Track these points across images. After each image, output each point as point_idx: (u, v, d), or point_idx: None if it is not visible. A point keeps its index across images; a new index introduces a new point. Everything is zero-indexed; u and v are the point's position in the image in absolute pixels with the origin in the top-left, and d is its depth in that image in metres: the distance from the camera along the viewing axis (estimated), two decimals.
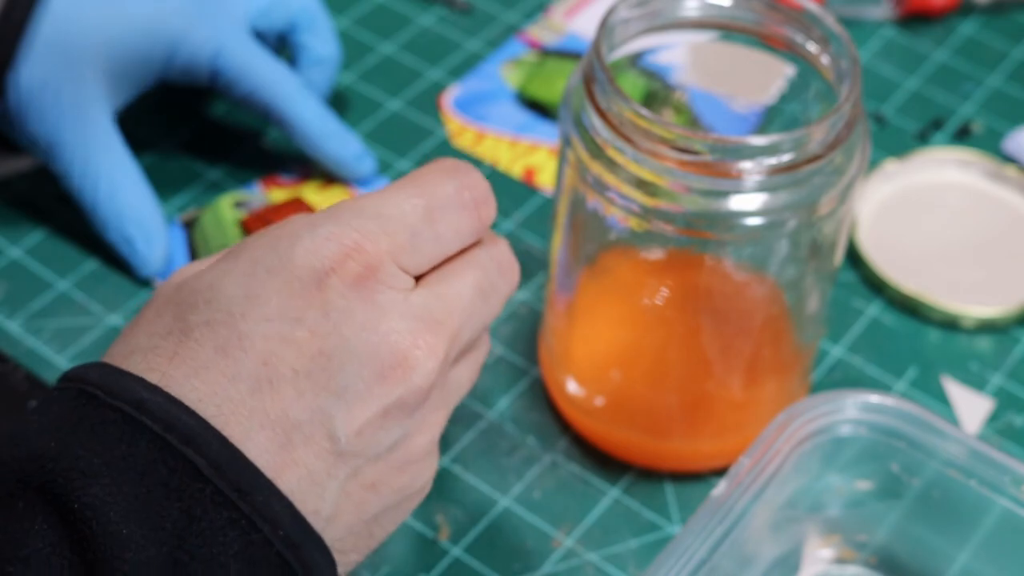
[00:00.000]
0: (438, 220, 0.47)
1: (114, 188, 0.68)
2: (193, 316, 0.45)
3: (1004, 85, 0.81)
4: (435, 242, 0.47)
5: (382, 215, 0.46)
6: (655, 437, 0.63)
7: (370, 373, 0.44)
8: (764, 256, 0.57)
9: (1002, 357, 0.69)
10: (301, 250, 0.45)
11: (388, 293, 0.45)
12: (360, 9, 0.84)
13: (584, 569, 0.60)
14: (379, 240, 0.45)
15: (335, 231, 0.45)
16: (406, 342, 0.45)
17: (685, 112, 0.65)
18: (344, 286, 0.44)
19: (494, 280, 0.49)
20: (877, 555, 0.59)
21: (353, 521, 0.46)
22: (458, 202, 0.48)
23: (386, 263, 0.45)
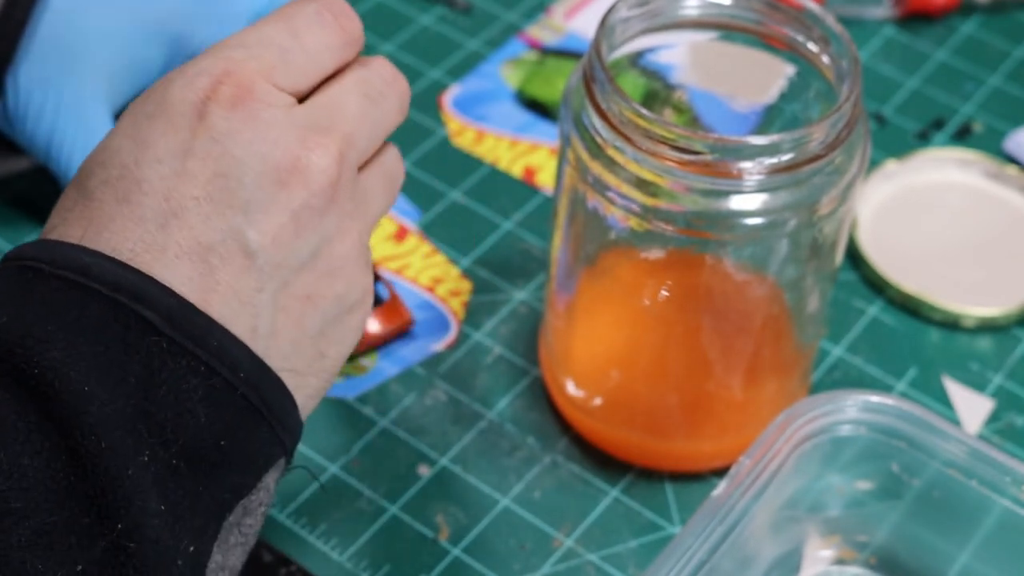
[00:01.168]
0: (303, 34, 0.48)
1: None
2: (91, 181, 0.46)
3: (1004, 85, 0.81)
4: (305, 57, 0.48)
5: (246, 43, 0.47)
6: (655, 437, 0.63)
7: (269, 182, 0.45)
8: (764, 256, 0.57)
9: (1002, 357, 0.69)
10: (175, 89, 0.46)
11: (268, 110, 0.46)
12: (360, 9, 0.83)
13: (584, 569, 0.60)
14: (247, 63, 0.46)
15: (203, 65, 0.46)
16: (296, 147, 0.46)
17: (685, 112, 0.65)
18: (223, 109, 0.45)
19: (379, 87, 0.49)
20: (877, 555, 0.59)
21: (296, 336, 0.47)
22: (319, 20, 0.48)
23: (259, 82, 0.46)
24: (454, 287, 0.70)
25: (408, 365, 0.67)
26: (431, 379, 0.66)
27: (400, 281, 0.70)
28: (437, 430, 0.64)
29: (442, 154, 0.76)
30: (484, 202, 0.74)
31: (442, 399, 0.66)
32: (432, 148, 0.76)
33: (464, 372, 0.67)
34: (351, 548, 0.60)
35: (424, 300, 0.69)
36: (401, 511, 0.62)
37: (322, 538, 0.61)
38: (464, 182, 0.75)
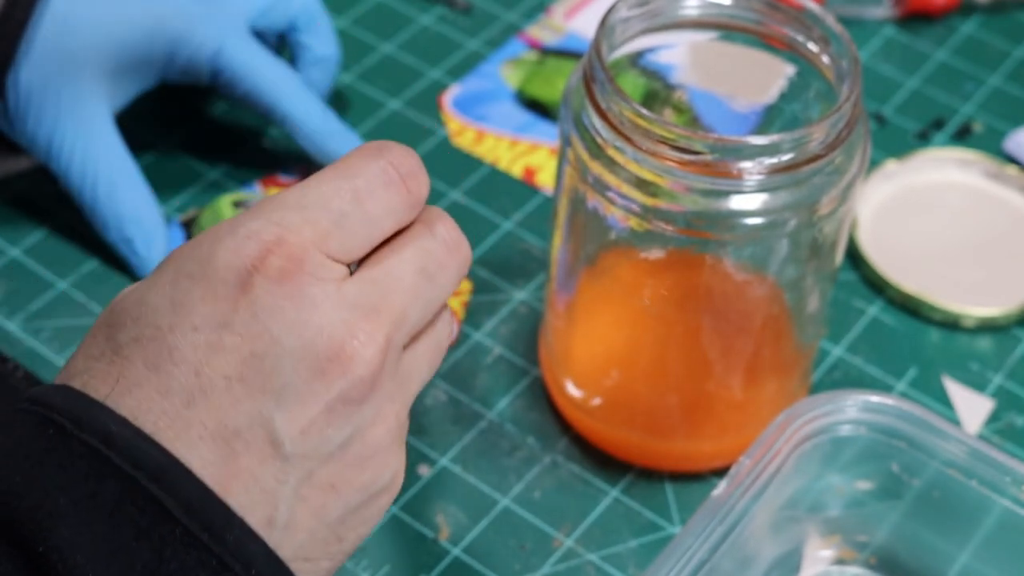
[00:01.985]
0: (365, 200, 0.45)
1: (113, 188, 0.68)
2: (122, 334, 0.43)
3: (1004, 85, 0.81)
4: (365, 223, 0.45)
5: (304, 204, 0.44)
6: (655, 437, 0.63)
7: (307, 370, 0.43)
8: (764, 256, 0.57)
9: (1003, 357, 0.69)
10: (222, 251, 0.43)
11: (318, 285, 0.43)
12: (360, 9, 0.83)
13: (584, 569, 0.60)
14: (302, 230, 0.43)
15: (255, 227, 0.43)
16: (341, 333, 0.43)
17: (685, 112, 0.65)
18: (269, 283, 0.43)
19: (439, 257, 0.46)
20: (877, 555, 0.59)
21: (314, 526, 0.44)
22: (385, 179, 0.45)
23: (312, 254, 0.43)
24: None
25: None
26: (431, 379, 0.66)
27: None
28: (437, 430, 0.64)
29: (442, 154, 0.76)
30: (484, 202, 0.74)
31: (442, 399, 0.66)
32: (432, 148, 0.76)
33: (464, 372, 0.67)
34: None
35: None
36: (401, 511, 0.62)
37: None
38: (464, 182, 0.75)
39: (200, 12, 0.69)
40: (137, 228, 0.68)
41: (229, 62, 0.69)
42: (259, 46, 0.70)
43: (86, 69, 0.66)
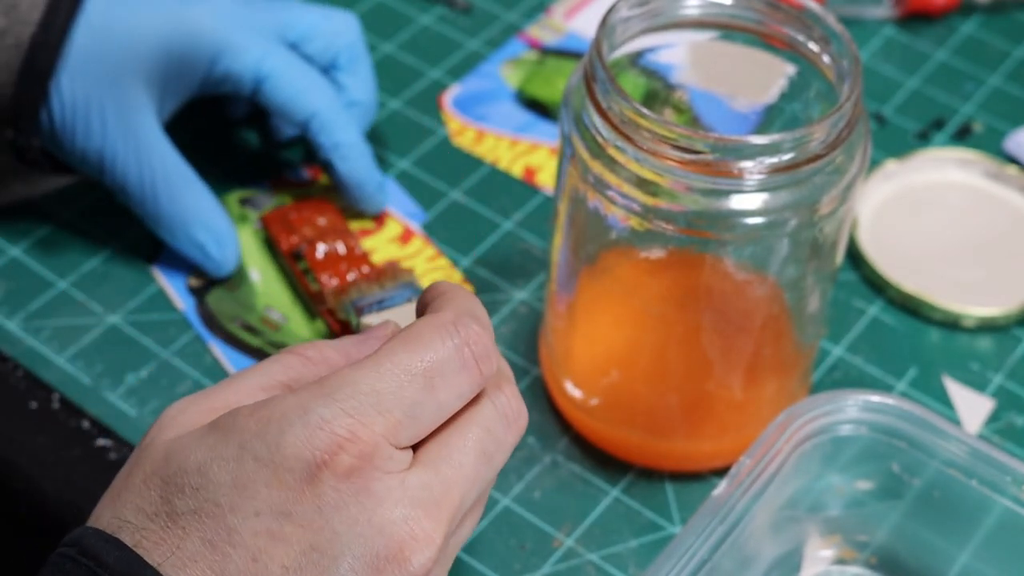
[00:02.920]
0: (438, 387, 0.45)
1: (175, 194, 0.67)
2: (180, 502, 0.43)
3: (1004, 85, 0.81)
4: (435, 410, 0.45)
5: (378, 391, 0.44)
6: (655, 437, 0.63)
7: (364, 567, 0.43)
8: (765, 256, 0.57)
9: (1003, 357, 0.69)
10: (292, 439, 0.43)
11: (383, 480, 0.43)
12: (360, 9, 0.83)
13: (584, 569, 0.60)
14: (374, 423, 0.43)
15: (327, 416, 0.43)
16: (402, 532, 0.43)
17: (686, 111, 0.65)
18: (337, 479, 0.43)
19: (499, 436, 0.47)
20: (878, 555, 0.59)
21: None
22: (459, 363, 0.45)
23: (381, 447, 0.43)
24: None
25: None
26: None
27: None
28: None
29: (442, 154, 0.76)
30: (484, 202, 0.74)
31: None
32: (432, 148, 0.76)
33: None
34: None
35: None
36: None
37: None
38: (464, 182, 0.75)
39: (242, 21, 0.68)
40: (206, 232, 0.68)
41: (272, 67, 0.68)
42: (299, 59, 0.69)
43: (129, 78, 0.65)
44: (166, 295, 0.69)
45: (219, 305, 0.69)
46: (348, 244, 0.68)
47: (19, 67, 0.64)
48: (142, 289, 0.69)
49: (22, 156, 0.66)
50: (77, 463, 0.63)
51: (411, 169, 0.75)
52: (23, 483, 0.63)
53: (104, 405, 0.64)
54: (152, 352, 0.67)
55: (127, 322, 0.68)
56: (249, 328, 0.68)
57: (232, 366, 0.66)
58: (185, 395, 0.64)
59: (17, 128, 0.65)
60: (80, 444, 0.63)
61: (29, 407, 0.65)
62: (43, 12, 0.64)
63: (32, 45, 0.64)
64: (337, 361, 0.48)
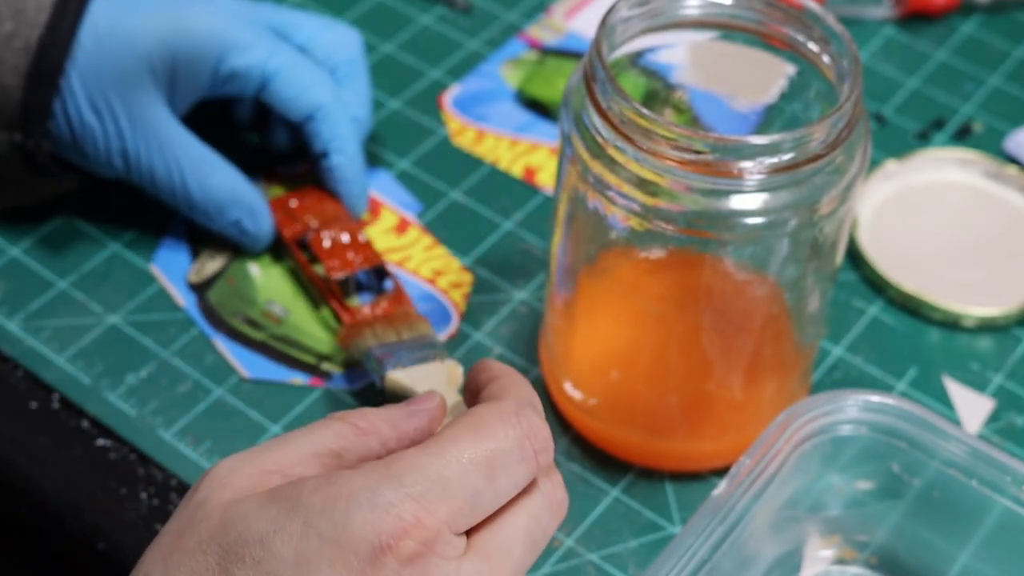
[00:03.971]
0: (499, 476, 0.45)
1: (204, 179, 0.68)
2: (240, 572, 0.43)
3: (1004, 85, 0.81)
4: (494, 499, 0.46)
5: (443, 478, 0.44)
6: (655, 437, 0.63)
7: None
8: (765, 256, 0.57)
9: (1003, 357, 0.69)
10: (359, 521, 0.43)
11: (441, 566, 0.44)
12: (360, 9, 0.83)
13: (584, 569, 0.60)
14: (439, 510, 0.44)
15: (394, 501, 0.43)
16: None
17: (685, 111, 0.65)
18: (399, 563, 0.43)
19: (545, 524, 0.47)
20: (878, 555, 0.59)
21: None
22: (519, 454, 0.46)
23: (443, 534, 0.44)
24: (455, 279, 0.70)
25: None
26: None
27: (401, 273, 0.70)
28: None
29: (442, 154, 0.76)
30: (484, 202, 0.74)
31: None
32: (432, 148, 0.76)
33: (464, 372, 0.67)
34: None
35: (425, 292, 0.70)
36: None
37: None
38: (464, 182, 0.75)
39: (246, 20, 0.68)
40: (239, 208, 0.68)
41: (279, 67, 0.68)
42: (303, 56, 0.70)
43: (139, 78, 0.65)
44: (167, 294, 0.69)
45: (220, 300, 0.69)
46: (352, 233, 0.69)
47: (27, 70, 0.64)
48: (142, 289, 0.69)
49: (31, 160, 0.66)
50: (77, 463, 0.63)
51: (411, 169, 0.75)
52: (23, 483, 0.63)
53: (104, 405, 0.64)
54: (152, 352, 0.67)
55: (127, 322, 0.68)
56: (251, 322, 0.68)
57: (236, 361, 0.66)
58: (185, 395, 0.65)
59: (26, 132, 0.65)
60: (80, 444, 0.63)
61: (29, 407, 0.65)
62: (50, 15, 0.64)
63: (40, 48, 0.64)
64: (388, 433, 0.49)
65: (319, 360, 0.67)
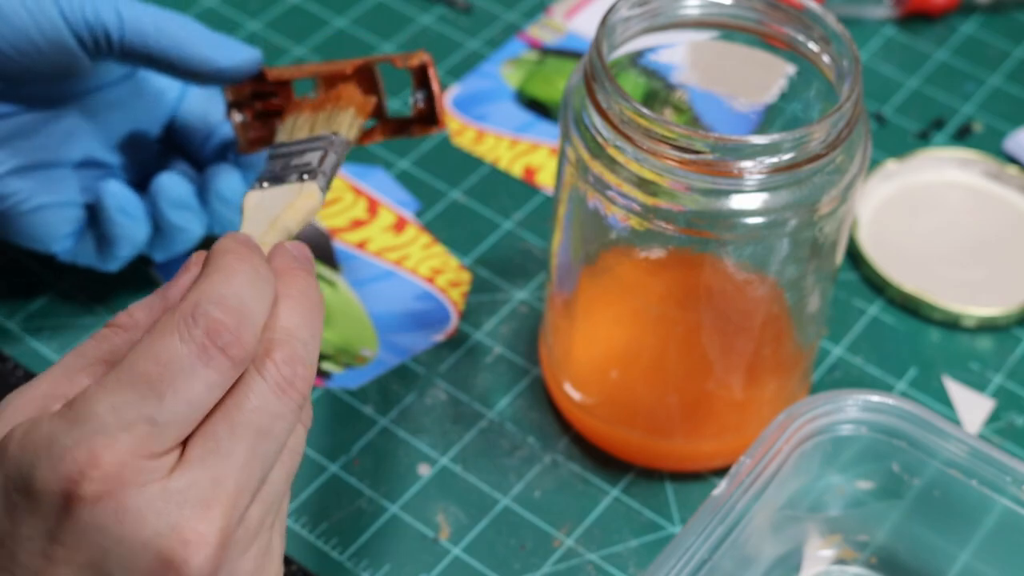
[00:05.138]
0: (181, 389, 0.43)
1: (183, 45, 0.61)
2: None
3: (1005, 85, 0.81)
4: (187, 409, 0.43)
5: (116, 407, 0.42)
6: (655, 437, 0.63)
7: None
8: (765, 255, 0.57)
9: (1003, 357, 0.69)
10: (41, 473, 0.42)
11: (141, 494, 0.42)
12: (360, 9, 0.83)
13: (584, 569, 0.60)
14: (116, 442, 0.42)
15: (68, 445, 0.42)
16: (171, 542, 0.42)
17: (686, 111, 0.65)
18: (89, 506, 0.42)
19: (273, 408, 0.44)
20: (878, 555, 0.59)
21: None
22: (201, 359, 0.43)
23: (130, 464, 0.42)
24: (453, 278, 0.70)
25: (409, 356, 0.67)
26: (431, 378, 0.66)
27: (399, 271, 0.70)
28: (437, 429, 0.64)
29: (442, 153, 0.76)
30: (484, 202, 0.74)
31: (442, 398, 0.66)
32: (432, 147, 0.76)
33: (464, 371, 0.67)
34: (351, 548, 0.60)
35: (424, 291, 0.70)
36: (401, 510, 0.62)
37: (322, 538, 0.61)
38: (464, 182, 0.75)
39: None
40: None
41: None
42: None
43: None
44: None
45: None
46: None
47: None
48: (142, 289, 0.69)
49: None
50: None
51: (411, 168, 0.75)
52: None
53: None
54: None
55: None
56: None
57: None
58: None
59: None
60: None
61: None
62: None
63: None
64: (146, 322, 0.47)
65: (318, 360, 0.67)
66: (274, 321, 0.46)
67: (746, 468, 0.54)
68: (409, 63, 0.59)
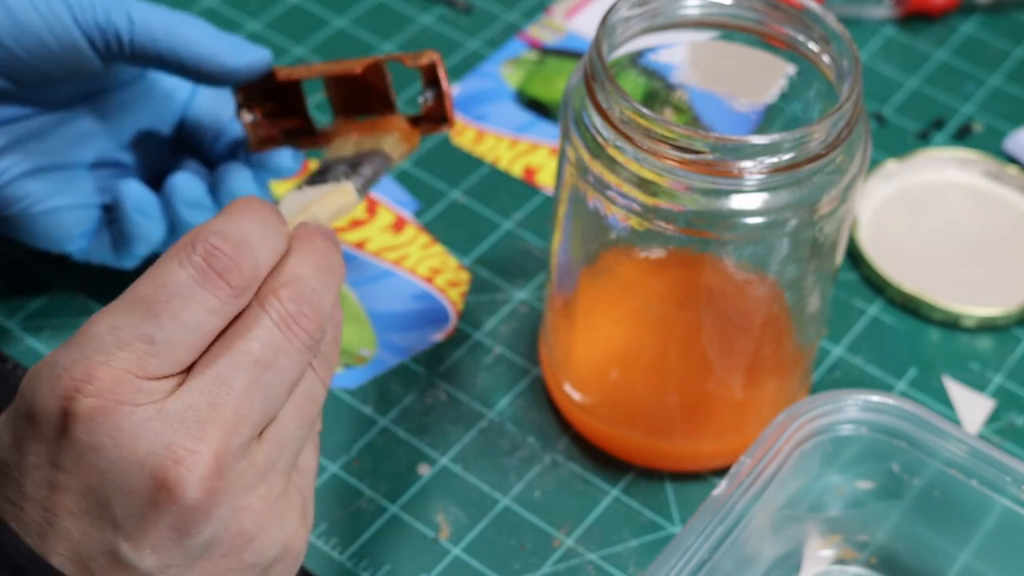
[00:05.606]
0: (179, 311, 0.44)
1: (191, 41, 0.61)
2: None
3: (1004, 85, 0.81)
4: (185, 333, 0.44)
5: (115, 327, 0.44)
6: (655, 437, 0.63)
7: (140, 502, 0.43)
8: (765, 255, 0.57)
9: (1003, 357, 0.69)
10: (40, 392, 0.43)
11: (136, 413, 0.43)
12: (360, 9, 0.83)
13: (584, 569, 0.60)
14: (113, 360, 0.43)
15: (66, 363, 0.43)
16: (164, 461, 0.42)
17: (686, 111, 0.65)
18: (84, 423, 0.42)
19: (274, 341, 0.45)
20: (878, 555, 0.59)
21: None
22: (199, 280, 0.44)
23: (126, 382, 0.43)
24: (452, 278, 0.70)
25: (408, 355, 0.67)
26: (431, 378, 0.66)
27: (398, 271, 0.70)
28: (437, 429, 0.64)
29: (442, 153, 0.76)
30: (484, 202, 0.74)
31: (442, 398, 0.66)
32: (432, 147, 0.76)
33: (464, 371, 0.67)
34: (351, 548, 0.60)
35: (423, 291, 0.70)
36: (401, 510, 0.62)
37: (322, 538, 0.61)
38: (464, 181, 0.75)
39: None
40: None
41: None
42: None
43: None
44: None
45: None
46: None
47: None
48: None
49: None
50: None
51: (411, 169, 0.75)
52: None
53: None
54: None
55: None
56: None
57: None
58: None
59: None
60: None
61: None
62: None
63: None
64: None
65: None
66: (283, 267, 0.46)
67: (746, 468, 0.54)
68: (419, 62, 0.59)
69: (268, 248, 0.46)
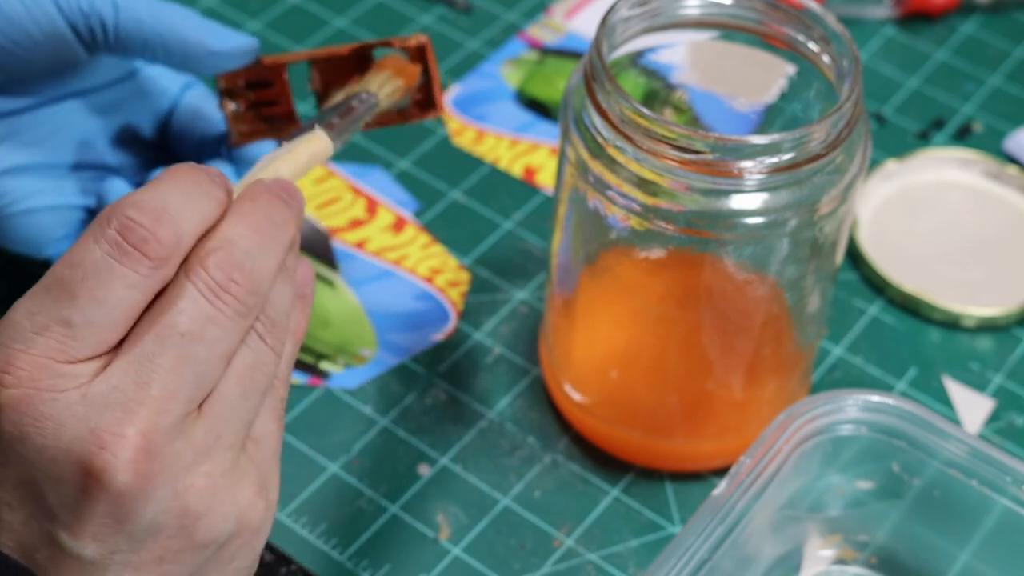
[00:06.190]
0: (95, 287, 0.42)
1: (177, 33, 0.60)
2: None
3: (1005, 85, 0.81)
4: (105, 311, 0.42)
5: (32, 312, 0.42)
6: (655, 437, 0.63)
7: (70, 491, 0.41)
8: (765, 255, 0.57)
9: (1003, 357, 0.69)
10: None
11: (59, 400, 0.41)
12: (360, 9, 0.83)
13: (584, 569, 0.60)
14: (31, 347, 0.42)
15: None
16: (89, 447, 0.41)
17: (686, 111, 0.65)
18: (9, 413, 0.41)
19: (203, 310, 0.43)
20: (878, 555, 0.59)
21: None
22: (115, 255, 0.42)
23: (47, 368, 0.41)
24: (452, 278, 0.70)
25: (408, 355, 0.67)
26: (431, 378, 0.66)
27: (398, 271, 0.70)
28: (437, 429, 0.64)
29: (442, 153, 0.76)
30: (484, 202, 0.74)
31: (442, 398, 0.66)
32: (432, 147, 0.76)
33: (464, 371, 0.67)
34: (351, 548, 0.60)
35: (423, 291, 0.70)
36: (401, 510, 0.62)
37: (322, 538, 0.61)
38: (464, 182, 0.75)
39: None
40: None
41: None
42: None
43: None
44: None
45: None
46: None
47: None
48: None
49: None
50: None
51: (411, 168, 0.75)
52: None
53: None
54: None
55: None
56: None
57: None
58: None
59: None
60: None
61: None
62: None
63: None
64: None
65: (317, 359, 0.67)
66: (214, 232, 0.44)
67: (746, 468, 0.54)
68: (407, 44, 0.58)
69: (194, 214, 0.43)
